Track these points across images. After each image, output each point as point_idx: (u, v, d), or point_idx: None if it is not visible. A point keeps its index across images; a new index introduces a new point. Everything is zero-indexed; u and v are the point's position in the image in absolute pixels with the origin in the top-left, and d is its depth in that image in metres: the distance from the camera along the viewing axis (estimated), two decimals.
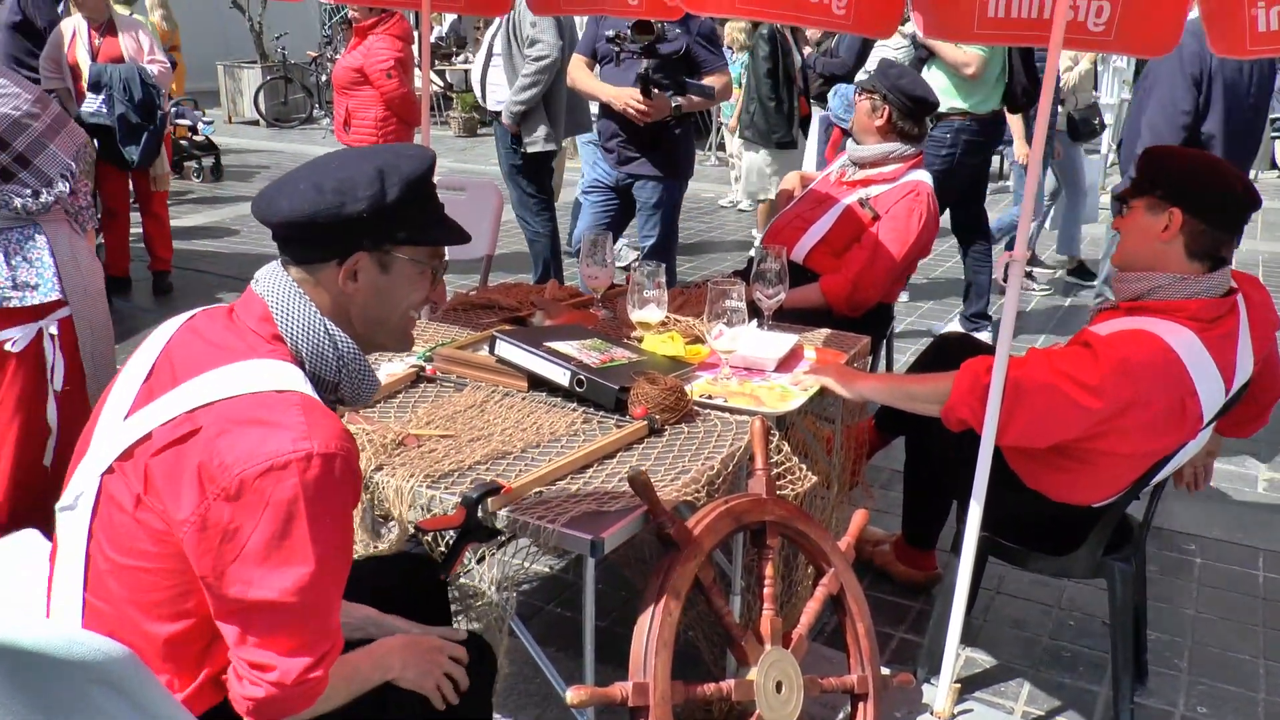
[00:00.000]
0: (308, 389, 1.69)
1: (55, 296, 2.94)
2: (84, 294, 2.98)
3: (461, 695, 2.00)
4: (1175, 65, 4.37)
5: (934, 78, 6.53)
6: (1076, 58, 7.48)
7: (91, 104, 6.69)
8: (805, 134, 8.45)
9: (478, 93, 6.45)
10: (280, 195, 1.74)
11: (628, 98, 4.70)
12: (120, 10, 7.12)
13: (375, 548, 2.37)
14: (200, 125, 11.18)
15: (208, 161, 11.46)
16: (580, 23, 6.04)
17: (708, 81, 4.85)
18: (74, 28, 6.63)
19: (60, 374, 2.95)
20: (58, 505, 1.75)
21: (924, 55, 6.15)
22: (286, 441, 1.57)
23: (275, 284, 1.77)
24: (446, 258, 1.92)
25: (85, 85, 6.66)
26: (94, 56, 6.66)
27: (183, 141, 11.07)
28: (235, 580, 1.58)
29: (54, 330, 2.95)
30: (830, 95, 7.90)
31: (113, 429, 1.71)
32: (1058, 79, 6.57)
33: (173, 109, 9.57)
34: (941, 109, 6.21)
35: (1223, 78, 4.35)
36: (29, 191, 2.88)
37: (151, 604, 1.66)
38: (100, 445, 1.72)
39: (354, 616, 2.05)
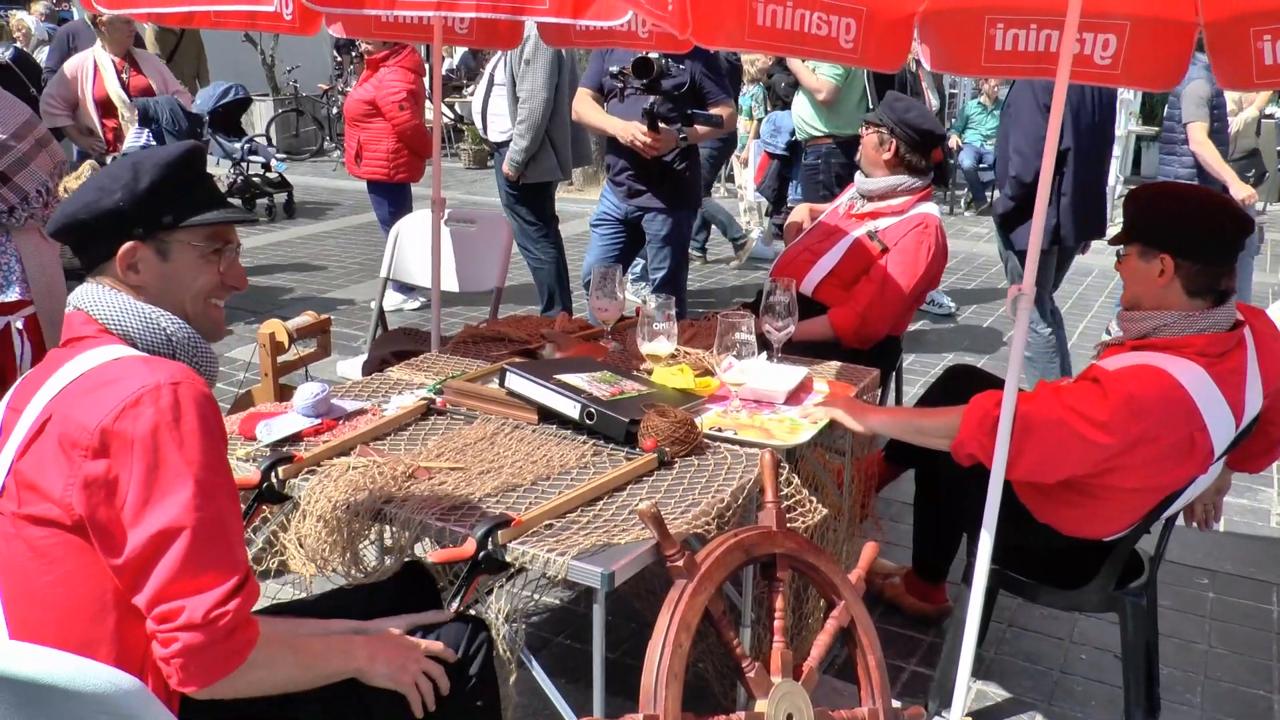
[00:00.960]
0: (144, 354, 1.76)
1: (17, 296, 3.36)
2: (48, 294, 3.39)
3: (468, 677, 2.04)
4: (1031, 97, 4.87)
5: (800, 102, 6.63)
6: (1241, 101, 6.80)
7: (138, 138, 6.71)
8: (945, 183, 8.06)
9: (478, 123, 6.51)
10: (61, 205, 1.84)
11: (635, 131, 4.73)
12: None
13: (356, 577, 2.37)
14: (273, 162, 11.04)
15: (280, 198, 11.30)
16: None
17: (713, 113, 4.87)
18: (94, 62, 6.57)
19: (29, 360, 3.38)
20: None
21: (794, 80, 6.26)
22: (134, 383, 1.64)
23: (84, 292, 1.84)
24: (236, 242, 1.97)
25: (124, 118, 6.66)
26: (126, 90, 6.67)
27: (255, 178, 11.02)
28: (127, 527, 1.60)
29: (19, 325, 3.38)
30: (763, 122, 7.92)
31: None
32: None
33: (245, 145, 9.57)
34: (812, 133, 6.29)
35: (1070, 103, 4.80)
36: (5, 208, 3.30)
37: (75, 611, 1.67)
38: None
39: (333, 629, 2.06)
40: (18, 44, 8.67)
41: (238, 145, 9.77)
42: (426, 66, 7.24)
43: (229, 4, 3.23)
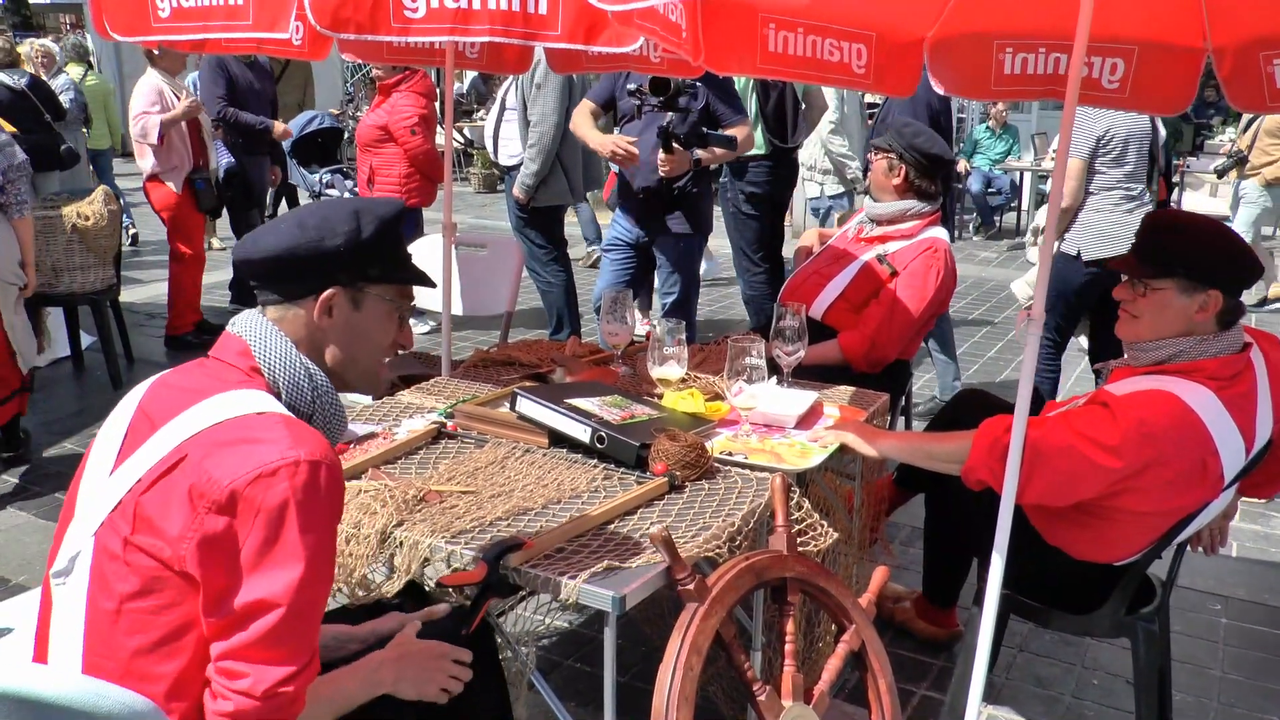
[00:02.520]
0: (286, 413, 1.77)
1: None
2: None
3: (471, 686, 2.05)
4: (911, 106, 5.36)
5: None
6: None
7: (222, 155, 7.12)
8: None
9: (489, 147, 6.55)
10: (265, 234, 1.89)
11: (613, 143, 4.77)
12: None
13: (359, 596, 2.37)
14: (346, 196, 10.80)
15: None
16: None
17: (727, 133, 4.87)
18: (161, 85, 6.73)
19: None
20: (51, 570, 1.77)
21: None
22: (274, 451, 1.64)
23: (253, 322, 1.88)
24: (415, 302, 2.05)
25: (206, 134, 6.92)
26: None
27: None
28: (232, 589, 1.62)
29: None
30: None
31: (98, 488, 1.75)
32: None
33: (325, 175, 9.62)
34: None
35: (933, 107, 5.63)
36: None
37: (151, 645, 1.67)
38: (87, 505, 1.76)
39: (325, 636, 2.06)
40: (34, 70, 8.70)
41: (315, 177, 9.75)
42: (438, 91, 7.29)
43: (240, 31, 3.24)
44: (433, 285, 2.02)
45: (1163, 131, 6.12)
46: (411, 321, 7.86)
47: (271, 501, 1.61)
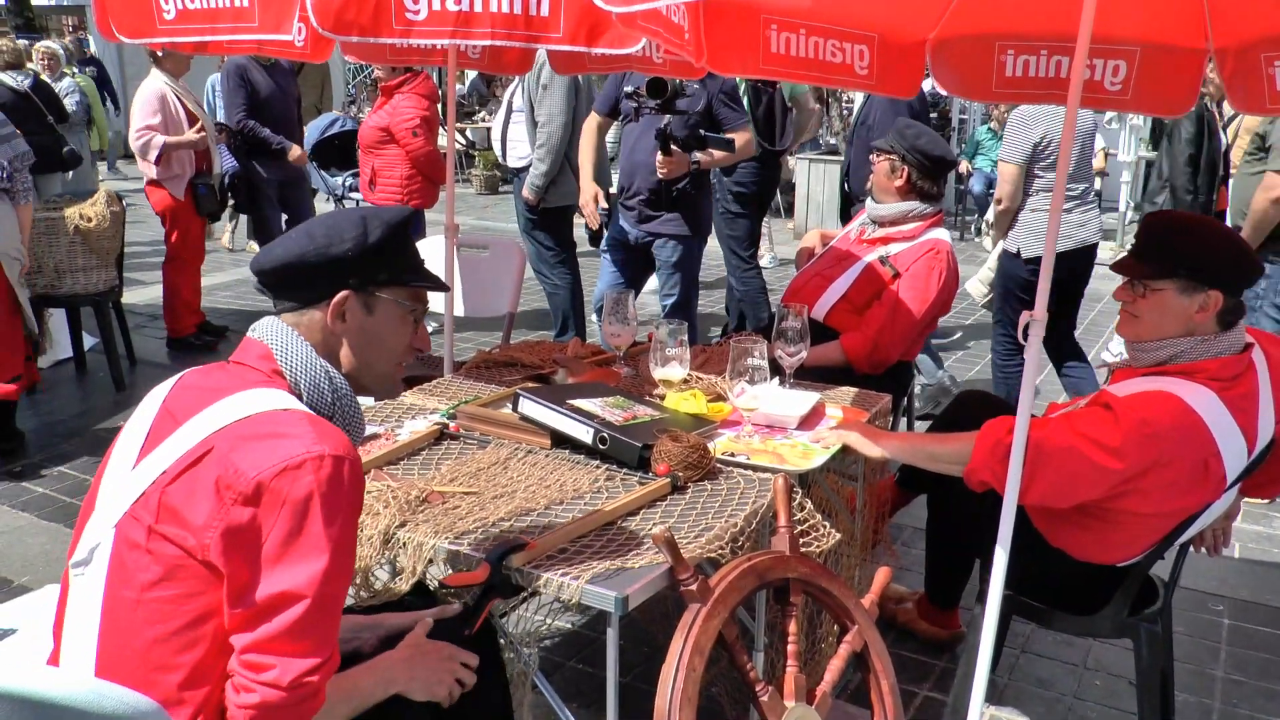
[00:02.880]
0: (310, 411, 1.81)
1: None
2: (5, 238, 4.85)
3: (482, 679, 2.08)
4: (891, 104, 5.54)
5: None
6: None
7: (226, 159, 7.12)
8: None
9: (498, 150, 6.55)
10: (276, 246, 1.94)
11: (585, 201, 5.27)
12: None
13: (363, 598, 2.38)
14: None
15: None
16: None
17: (727, 136, 4.89)
18: (167, 88, 6.73)
19: None
20: (70, 561, 1.79)
21: None
22: (299, 445, 1.68)
23: (273, 327, 1.93)
24: (428, 305, 2.08)
25: (211, 139, 6.93)
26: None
27: None
28: (255, 580, 1.64)
29: None
30: None
31: (120, 482, 1.78)
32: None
33: (348, 179, 9.61)
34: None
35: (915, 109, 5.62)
36: None
37: (169, 634, 1.69)
38: (109, 498, 1.78)
39: (343, 628, 2.07)
40: (38, 72, 8.73)
41: (338, 180, 9.71)
42: (440, 92, 7.29)
43: (246, 33, 3.24)
44: (445, 289, 2.05)
45: (1223, 138, 6.09)
46: None
47: (296, 494, 1.64)
